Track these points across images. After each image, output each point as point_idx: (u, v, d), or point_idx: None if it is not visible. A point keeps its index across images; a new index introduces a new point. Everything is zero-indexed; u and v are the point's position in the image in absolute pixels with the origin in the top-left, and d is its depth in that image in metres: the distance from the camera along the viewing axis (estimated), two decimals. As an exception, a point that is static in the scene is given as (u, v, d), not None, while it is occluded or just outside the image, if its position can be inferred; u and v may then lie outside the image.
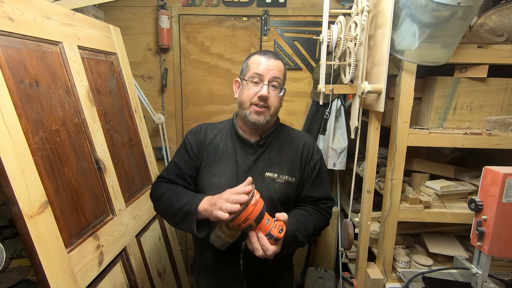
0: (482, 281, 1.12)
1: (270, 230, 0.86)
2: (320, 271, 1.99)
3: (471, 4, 1.03)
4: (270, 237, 0.86)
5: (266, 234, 0.86)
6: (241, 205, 0.82)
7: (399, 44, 1.17)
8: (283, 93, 1.09)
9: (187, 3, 1.98)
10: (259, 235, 0.86)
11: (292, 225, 0.98)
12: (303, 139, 1.15)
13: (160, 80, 2.05)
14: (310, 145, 1.14)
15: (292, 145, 1.12)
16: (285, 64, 1.10)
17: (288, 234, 0.93)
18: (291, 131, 1.17)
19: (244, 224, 0.83)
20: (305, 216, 1.06)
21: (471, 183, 1.47)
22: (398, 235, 1.43)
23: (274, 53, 1.08)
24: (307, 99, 2.05)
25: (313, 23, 1.97)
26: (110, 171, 1.26)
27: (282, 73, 1.07)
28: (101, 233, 1.13)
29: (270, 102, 1.04)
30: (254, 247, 0.86)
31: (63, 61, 1.11)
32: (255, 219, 0.83)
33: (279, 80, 1.05)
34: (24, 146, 0.86)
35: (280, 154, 1.09)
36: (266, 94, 1.01)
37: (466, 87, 1.32)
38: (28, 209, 0.83)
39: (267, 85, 1.02)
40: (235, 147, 1.09)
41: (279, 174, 1.06)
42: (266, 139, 1.09)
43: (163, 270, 1.61)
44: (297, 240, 0.99)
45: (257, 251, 0.86)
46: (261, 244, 0.86)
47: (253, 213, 0.83)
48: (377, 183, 1.48)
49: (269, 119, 1.06)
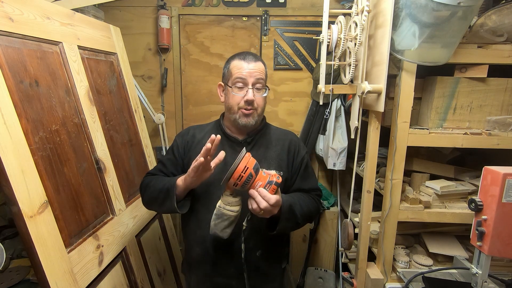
0: (482, 281, 1.12)
1: (269, 178, 0.91)
2: (320, 271, 1.99)
3: (471, 4, 1.03)
4: (270, 183, 0.90)
5: (266, 183, 0.90)
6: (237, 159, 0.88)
7: (399, 44, 1.17)
8: (267, 93, 1.12)
9: (187, 3, 1.98)
10: (259, 189, 0.90)
11: (287, 200, 1.01)
12: (288, 136, 1.21)
13: (160, 80, 2.05)
14: (296, 142, 1.20)
15: (279, 143, 1.17)
16: (264, 62, 1.13)
17: (286, 204, 0.98)
18: (276, 130, 1.23)
19: (245, 174, 0.88)
20: (299, 197, 1.11)
21: (471, 183, 1.47)
22: (398, 235, 1.43)
23: (253, 55, 1.11)
24: (307, 99, 2.05)
25: (313, 23, 1.97)
26: (110, 171, 1.26)
27: (263, 73, 1.10)
28: (101, 233, 1.13)
29: (257, 104, 1.08)
30: (258, 200, 0.89)
31: (63, 61, 1.11)
32: (253, 167, 0.89)
33: (262, 81, 1.08)
34: (24, 146, 0.86)
35: (267, 151, 1.14)
36: (252, 98, 1.05)
37: (466, 87, 1.32)
38: (28, 209, 0.83)
39: (252, 89, 1.06)
40: (223, 146, 1.12)
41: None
42: (253, 136, 1.14)
43: (163, 270, 1.61)
44: (294, 213, 1.02)
45: (261, 203, 0.89)
46: (262, 196, 0.89)
47: (250, 162, 0.89)
48: (377, 183, 1.48)
49: (257, 119, 1.10)
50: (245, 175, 0.88)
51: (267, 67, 1.15)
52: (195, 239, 1.12)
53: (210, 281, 1.12)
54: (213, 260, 1.09)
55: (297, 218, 1.04)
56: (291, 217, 1.02)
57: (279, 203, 0.93)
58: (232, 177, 0.88)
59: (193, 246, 1.13)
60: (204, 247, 1.09)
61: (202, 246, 1.10)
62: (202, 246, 1.10)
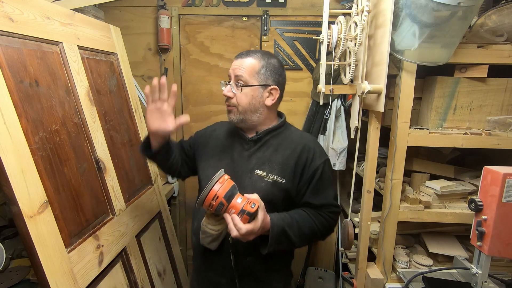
0: (482, 281, 1.12)
1: (242, 206, 0.87)
2: (320, 271, 1.99)
3: (471, 4, 1.03)
4: (243, 212, 0.87)
5: (239, 211, 0.87)
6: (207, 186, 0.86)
7: (399, 44, 1.17)
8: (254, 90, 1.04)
9: (187, 3, 1.98)
10: (232, 216, 0.87)
11: (283, 220, 0.97)
12: (303, 141, 1.09)
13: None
14: (311, 149, 1.07)
15: (290, 146, 1.07)
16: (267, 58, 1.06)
17: (277, 228, 0.94)
18: (293, 132, 1.14)
19: (215, 203, 0.86)
20: (302, 216, 1.03)
21: (471, 183, 1.47)
22: (398, 235, 1.43)
23: (248, 51, 1.07)
24: (307, 99, 2.05)
25: (313, 23, 1.97)
26: (110, 171, 1.25)
27: (247, 70, 1.03)
28: (101, 233, 1.13)
29: (236, 101, 1.05)
30: (229, 228, 0.87)
31: (63, 61, 1.11)
32: (224, 196, 0.86)
33: (242, 78, 1.03)
34: (24, 146, 0.86)
35: (275, 153, 1.07)
36: (226, 93, 1.05)
37: (466, 87, 1.32)
38: (28, 209, 0.83)
39: (230, 84, 1.06)
40: (234, 142, 1.13)
41: (268, 173, 1.04)
42: (261, 135, 1.09)
43: (163, 270, 1.61)
44: (288, 237, 0.97)
45: (232, 232, 0.87)
46: (234, 224, 0.86)
47: (220, 191, 0.86)
48: (377, 183, 1.48)
49: (241, 117, 1.06)
50: (215, 204, 0.86)
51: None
52: (192, 229, 1.15)
53: (205, 274, 1.13)
54: (204, 254, 1.09)
55: (292, 242, 0.99)
56: (284, 240, 0.97)
57: (254, 231, 0.88)
58: (204, 204, 0.88)
59: (192, 235, 1.17)
60: (197, 238, 1.08)
61: (195, 237, 1.10)
62: (196, 237, 1.09)
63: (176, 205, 2.18)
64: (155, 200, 1.62)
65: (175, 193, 2.13)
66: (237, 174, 1.05)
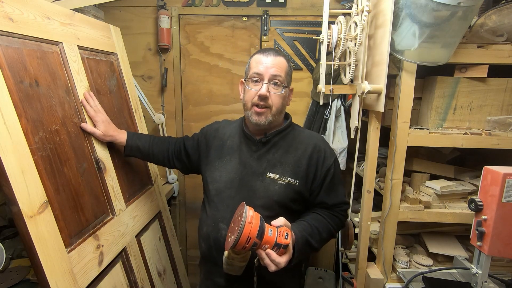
0: (482, 281, 1.12)
1: (276, 239, 0.83)
2: (320, 271, 1.99)
3: (471, 4, 1.03)
4: (278, 246, 0.83)
5: (273, 245, 0.83)
6: (238, 230, 0.79)
7: (399, 44, 1.17)
8: (286, 92, 1.06)
9: (187, 3, 1.98)
10: (267, 251, 0.84)
11: (305, 230, 0.96)
12: (312, 140, 1.09)
13: (160, 80, 2.05)
14: (321, 148, 1.07)
15: (300, 146, 1.06)
16: (288, 60, 1.07)
17: (301, 239, 0.93)
18: (301, 132, 1.13)
19: (249, 245, 0.80)
20: (319, 221, 1.03)
21: (471, 183, 1.47)
22: (398, 235, 1.43)
23: (275, 50, 1.06)
24: (307, 99, 2.05)
25: (313, 23, 1.97)
26: (110, 171, 1.25)
27: (283, 71, 1.03)
28: (101, 233, 1.13)
29: (271, 101, 1.01)
30: (266, 263, 0.85)
31: (63, 61, 1.11)
32: (257, 236, 0.80)
33: (280, 78, 1.01)
34: (24, 146, 0.86)
35: (285, 155, 1.05)
36: (265, 93, 0.99)
37: (466, 87, 1.32)
38: (28, 209, 0.83)
39: (267, 84, 1.01)
40: (240, 144, 1.10)
41: (281, 176, 1.03)
42: (270, 137, 1.06)
43: (163, 270, 1.61)
44: (311, 245, 0.97)
45: (270, 267, 0.85)
46: (271, 260, 0.84)
47: (252, 231, 0.79)
48: (377, 183, 1.48)
49: (271, 119, 1.03)
50: (249, 246, 0.80)
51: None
52: (202, 234, 1.11)
53: (212, 280, 1.11)
54: (215, 260, 1.07)
55: (314, 248, 1.00)
56: (307, 250, 0.97)
57: (289, 259, 0.87)
58: (236, 248, 0.81)
59: (200, 241, 1.14)
60: (208, 244, 1.08)
61: (206, 243, 1.09)
62: (206, 243, 1.09)
63: (176, 205, 2.19)
64: (155, 200, 1.62)
65: (175, 193, 2.13)
66: (246, 177, 1.04)
